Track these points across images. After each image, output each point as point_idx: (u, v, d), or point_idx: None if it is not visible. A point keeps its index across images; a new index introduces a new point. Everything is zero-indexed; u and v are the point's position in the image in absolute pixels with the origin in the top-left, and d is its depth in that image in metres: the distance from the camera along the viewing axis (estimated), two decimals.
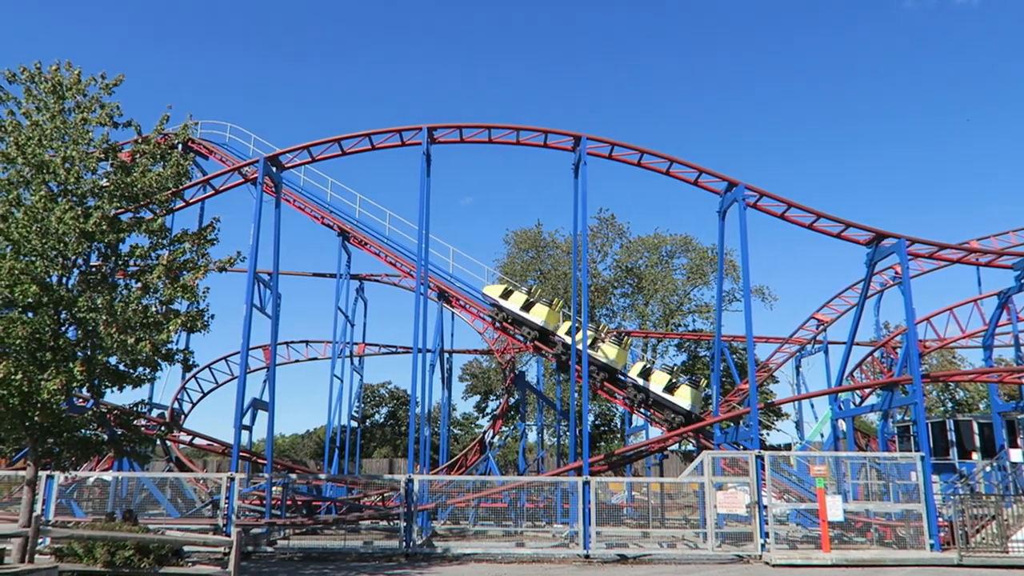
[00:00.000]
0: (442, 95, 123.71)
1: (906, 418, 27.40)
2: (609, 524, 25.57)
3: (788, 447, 42.29)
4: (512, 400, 37.44)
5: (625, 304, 56.53)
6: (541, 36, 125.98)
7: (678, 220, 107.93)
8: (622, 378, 25.87)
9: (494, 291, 27.59)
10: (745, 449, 21.91)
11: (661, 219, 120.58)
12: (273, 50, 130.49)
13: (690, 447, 41.67)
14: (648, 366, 25.74)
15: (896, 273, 27.72)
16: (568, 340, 25.03)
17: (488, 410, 63.50)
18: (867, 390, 28.69)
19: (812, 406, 36.85)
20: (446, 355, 34.40)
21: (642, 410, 25.72)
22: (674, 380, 25.06)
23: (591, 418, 55.25)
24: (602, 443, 55.65)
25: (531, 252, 55.15)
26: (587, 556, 17.81)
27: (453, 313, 32.64)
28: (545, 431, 42.81)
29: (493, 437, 34.62)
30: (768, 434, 51.61)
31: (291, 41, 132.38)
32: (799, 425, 38.00)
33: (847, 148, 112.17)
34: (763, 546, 17.85)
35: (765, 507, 18.18)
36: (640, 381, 25.16)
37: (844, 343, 25.73)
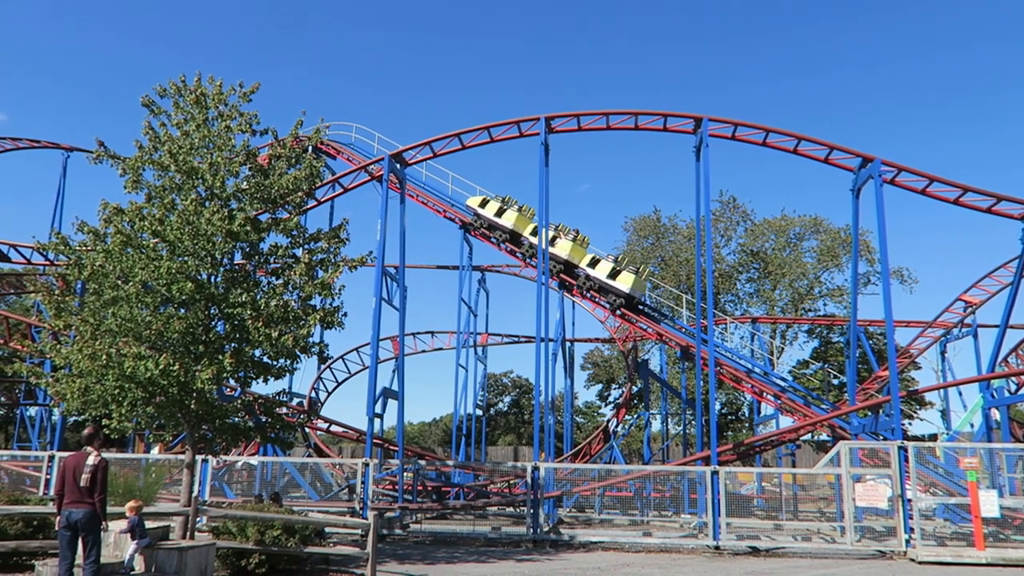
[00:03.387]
0: (557, 78, 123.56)
1: None
2: (738, 515, 24.87)
3: (933, 438, 39.69)
4: (635, 388, 37.08)
5: (751, 289, 54.75)
6: (657, 14, 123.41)
7: (806, 200, 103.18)
8: (577, 271, 28.86)
9: (474, 202, 30.16)
10: (885, 440, 20.75)
11: (788, 200, 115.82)
12: (385, 39, 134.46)
13: (824, 437, 39.99)
14: (597, 258, 28.84)
15: None
16: (534, 240, 28.37)
17: (611, 399, 63.24)
18: None
19: (960, 394, 34.25)
20: (568, 344, 34.50)
21: (590, 295, 29.00)
22: (618, 268, 28.19)
23: (717, 406, 53.89)
24: (729, 432, 54.19)
25: (650, 239, 54.28)
26: (717, 547, 17.44)
27: (574, 302, 32.69)
28: (670, 420, 42.18)
29: (617, 426, 34.47)
30: (910, 424, 48.57)
31: (397, 30, 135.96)
32: (945, 414, 35.62)
33: (994, 118, 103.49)
34: (908, 542, 16.87)
35: (909, 501, 17.15)
36: (589, 271, 28.42)
37: (997, 326, 23.88)
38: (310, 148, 19.59)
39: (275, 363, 14.39)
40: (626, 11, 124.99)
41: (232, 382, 15.06)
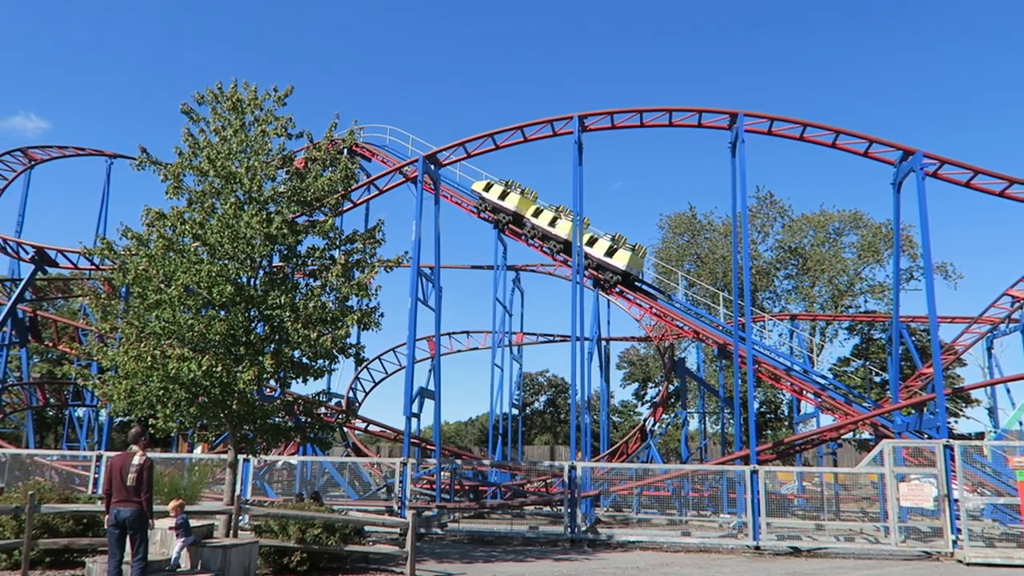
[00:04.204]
0: (589, 75, 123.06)
1: None
2: (778, 515, 24.57)
3: (980, 436, 38.72)
4: (672, 387, 36.79)
5: (789, 286, 53.97)
6: (689, 9, 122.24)
7: (846, 195, 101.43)
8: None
9: (479, 186, 30.70)
10: (930, 438, 20.31)
11: (826, 195, 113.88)
12: (413, 41, 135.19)
13: (866, 436, 39.30)
14: (595, 237, 29.02)
15: None
16: (535, 222, 29.38)
17: (647, 398, 62.83)
18: None
19: (1008, 392, 33.33)
20: (603, 343, 34.37)
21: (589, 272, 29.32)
22: (615, 246, 28.47)
23: (756, 405, 53.25)
24: (768, 431, 53.50)
25: (686, 236, 53.80)
26: (757, 547, 17.24)
27: (609, 301, 32.56)
28: (707, 418, 41.78)
29: (654, 425, 34.24)
30: (956, 422, 47.44)
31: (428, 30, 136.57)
32: (992, 412, 34.68)
33: None
34: (954, 543, 16.50)
35: (956, 501, 16.76)
36: (588, 249, 28.39)
37: None
38: (345, 151, 19.79)
39: (314, 364, 14.60)
40: (657, 7, 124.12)
41: (272, 383, 15.29)
